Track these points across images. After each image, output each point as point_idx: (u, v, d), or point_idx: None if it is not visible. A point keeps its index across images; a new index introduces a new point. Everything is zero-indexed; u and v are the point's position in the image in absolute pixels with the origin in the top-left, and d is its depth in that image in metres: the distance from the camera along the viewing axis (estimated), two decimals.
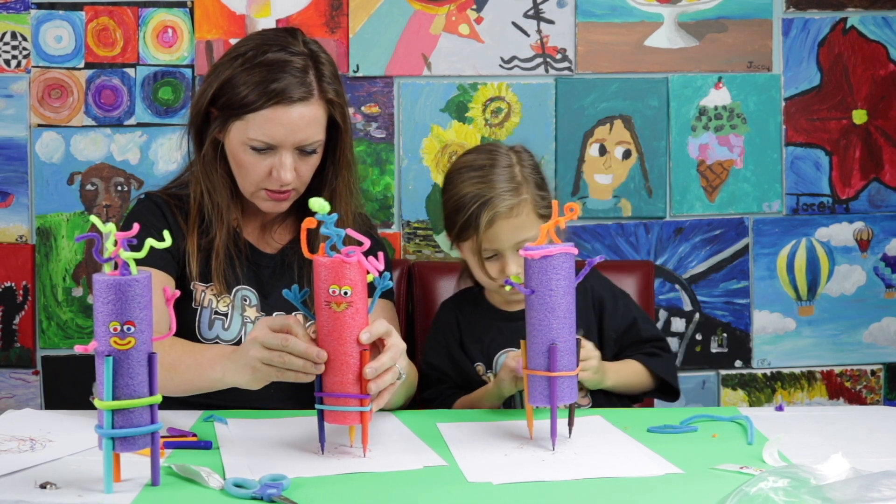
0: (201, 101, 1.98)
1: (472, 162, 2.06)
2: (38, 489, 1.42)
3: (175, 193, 2.07)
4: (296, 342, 1.57)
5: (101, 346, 1.41)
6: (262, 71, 1.92)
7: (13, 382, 2.59)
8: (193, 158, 2.04)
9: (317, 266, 1.57)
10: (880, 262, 2.74)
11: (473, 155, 2.10)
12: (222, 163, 2.01)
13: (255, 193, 1.99)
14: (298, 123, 1.92)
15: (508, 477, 1.50)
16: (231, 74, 1.94)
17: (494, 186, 2.00)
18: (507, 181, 2.01)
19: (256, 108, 1.91)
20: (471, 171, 2.04)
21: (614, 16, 2.65)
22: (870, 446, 1.68)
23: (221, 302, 1.99)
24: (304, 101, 1.92)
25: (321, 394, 1.59)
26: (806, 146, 2.71)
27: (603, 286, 2.16)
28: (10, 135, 2.57)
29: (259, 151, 1.94)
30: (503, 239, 1.99)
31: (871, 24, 2.70)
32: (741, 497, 1.28)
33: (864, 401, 2.74)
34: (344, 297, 1.55)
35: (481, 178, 2.02)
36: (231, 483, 1.43)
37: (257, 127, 1.92)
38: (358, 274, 1.56)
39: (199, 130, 2.01)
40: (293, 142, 1.93)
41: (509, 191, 2.00)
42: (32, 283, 2.58)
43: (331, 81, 1.97)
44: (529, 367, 1.67)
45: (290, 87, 1.91)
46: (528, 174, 2.04)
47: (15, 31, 2.56)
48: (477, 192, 2.00)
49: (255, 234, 2.08)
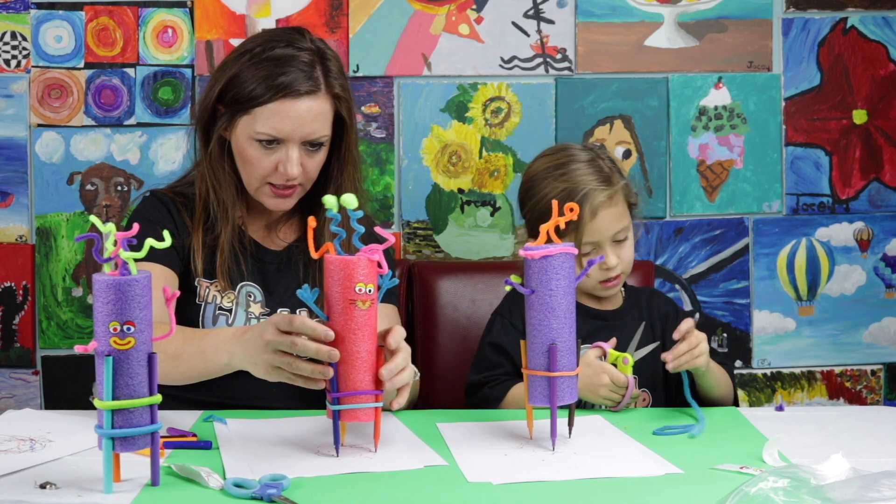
0: (208, 98, 1.99)
1: (552, 163, 2.06)
2: (38, 489, 1.42)
3: (181, 191, 2.07)
4: (305, 344, 1.57)
5: (100, 346, 1.40)
6: (270, 65, 1.93)
7: (13, 382, 2.59)
8: (199, 156, 2.05)
9: (343, 264, 1.56)
10: (880, 262, 2.74)
11: (548, 158, 2.09)
12: (228, 160, 2.01)
13: (260, 189, 1.99)
14: (305, 117, 1.93)
15: (508, 477, 1.50)
16: (238, 70, 1.95)
17: (588, 180, 2.01)
18: (597, 173, 2.03)
19: (263, 101, 1.92)
20: (556, 170, 2.04)
21: (614, 16, 2.65)
22: (870, 446, 1.68)
23: (226, 298, 1.99)
24: (310, 95, 1.93)
25: (339, 394, 1.58)
26: (806, 146, 2.71)
27: (667, 303, 2.19)
28: (10, 135, 2.57)
29: (266, 146, 1.94)
30: (605, 229, 2.00)
31: (871, 24, 2.70)
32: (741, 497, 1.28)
33: (864, 401, 2.74)
34: (368, 294, 1.57)
35: (570, 173, 2.02)
36: (231, 483, 1.43)
37: (264, 120, 1.92)
38: (375, 271, 1.58)
39: (205, 127, 2.01)
40: (300, 135, 1.94)
41: (603, 181, 2.02)
42: (32, 283, 2.58)
43: (337, 77, 1.98)
44: (529, 367, 1.67)
45: (297, 80, 1.92)
46: (611, 165, 2.06)
47: (15, 31, 2.56)
48: (573, 187, 2.00)
49: (260, 232, 2.08)
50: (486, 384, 2.01)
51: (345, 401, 1.58)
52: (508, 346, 2.04)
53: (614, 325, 2.06)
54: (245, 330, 1.72)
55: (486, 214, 2.65)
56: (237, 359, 1.70)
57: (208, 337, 1.79)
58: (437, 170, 2.63)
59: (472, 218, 2.65)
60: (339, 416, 1.58)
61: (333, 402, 1.58)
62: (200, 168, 2.04)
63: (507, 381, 1.99)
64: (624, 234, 2.04)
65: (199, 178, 2.03)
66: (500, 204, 2.65)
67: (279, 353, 1.59)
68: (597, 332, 1.95)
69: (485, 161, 2.64)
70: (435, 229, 2.64)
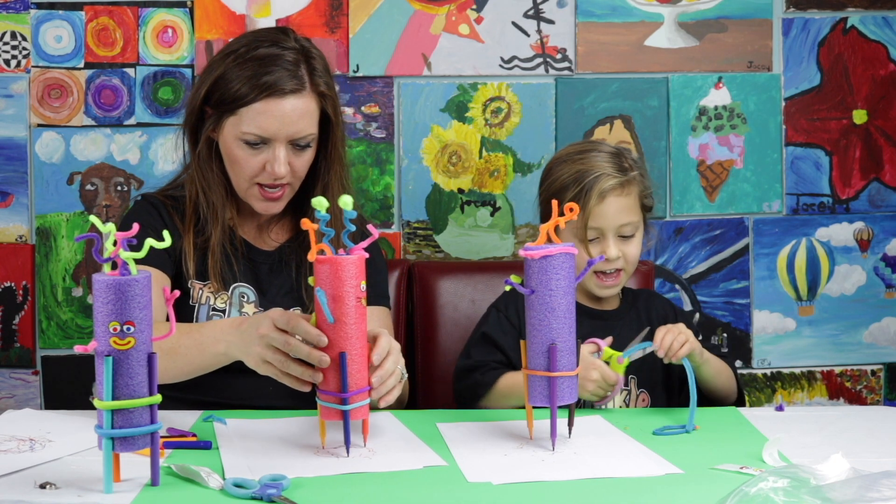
0: (195, 100, 2.00)
1: (576, 149, 2.09)
2: (38, 489, 1.42)
3: (171, 194, 2.08)
4: (298, 345, 1.58)
5: (100, 346, 1.41)
6: (254, 65, 1.93)
7: (13, 382, 2.59)
8: (189, 158, 2.05)
9: (346, 264, 1.57)
10: (880, 262, 2.74)
11: (575, 145, 2.13)
12: (217, 162, 2.02)
13: (249, 191, 2.00)
14: (291, 116, 1.93)
15: (508, 477, 1.50)
16: (223, 71, 1.96)
17: (602, 166, 2.02)
18: (615, 160, 2.04)
19: (249, 101, 1.92)
20: (576, 155, 2.07)
21: (614, 16, 2.65)
22: (870, 446, 1.68)
23: (219, 299, 2.00)
24: (295, 94, 1.94)
25: (347, 394, 1.58)
26: (806, 146, 2.71)
27: (665, 305, 2.18)
28: (10, 135, 2.57)
29: (253, 146, 1.95)
30: (610, 217, 2.00)
31: (872, 24, 2.70)
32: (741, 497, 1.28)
33: (865, 401, 2.74)
34: (363, 292, 1.59)
35: (588, 158, 2.04)
36: (231, 483, 1.43)
37: (250, 120, 1.93)
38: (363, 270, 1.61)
39: (193, 129, 2.02)
40: (286, 134, 1.94)
41: (619, 170, 2.03)
42: (32, 283, 2.58)
43: (322, 75, 1.98)
44: (529, 367, 1.67)
45: (281, 79, 1.93)
46: (632, 163, 2.07)
47: (15, 31, 2.56)
48: (587, 169, 2.02)
49: (252, 233, 2.09)
50: (476, 369, 2.01)
51: (356, 399, 1.59)
52: (500, 339, 2.05)
53: (612, 326, 2.06)
54: (242, 320, 1.72)
55: (486, 214, 2.65)
56: (233, 348, 1.71)
57: (205, 329, 1.80)
58: (437, 170, 2.63)
59: (472, 218, 2.65)
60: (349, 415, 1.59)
61: (343, 401, 1.58)
62: (190, 170, 2.04)
63: (497, 368, 2.00)
64: (631, 230, 2.03)
65: (189, 180, 2.04)
66: (500, 204, 2.65)
67: (272, 349, 1.60)
68: (594, 332, 1.95)
69: (485, 161, 2.64)
70: (435, 229, 2.64)
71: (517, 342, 1.84)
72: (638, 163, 2.10)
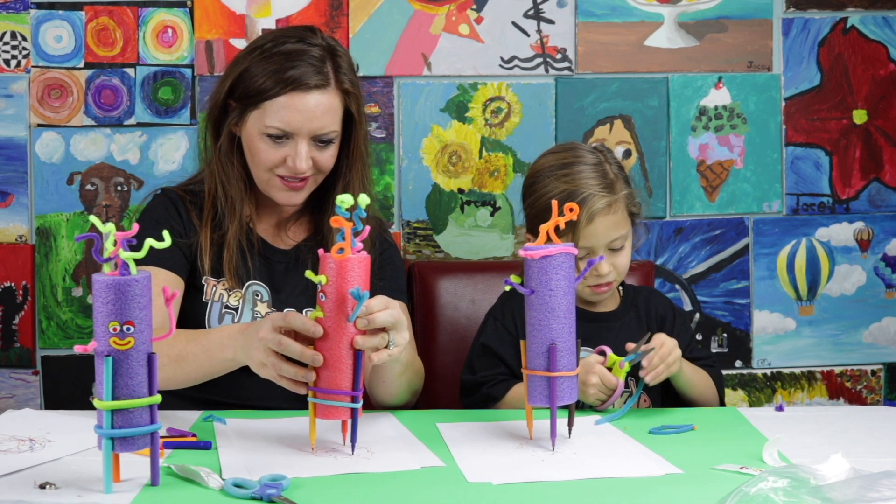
0: (219, 93, 2.00)
1: (558, 161, 2.04)
2: (38, 489, 1.42)
3: (191, 189, 2.08)
4: (289, 344, 1.57)
5: (100, 346, 1.40)
6: (280, 59, 1.94)
7: (13, 382, 2.59)
8: (210, 153, 2.05)
9: (361, 262, 1.57)
10: (880, 262, 2.74)
11: (555, 155, 2.07)
12: (238, 156, 2.01)
13: (270, 182, 1.99)
14: (315, 111, 1.93)
15: (508, 477, 1.50)
16: (248, 65, 1.96)
17: (590, 184, 1.99)
18: (601, 178, 2.00)
19: (273, 94, 1.92)
20: (559, 170, 2.02)
21: (614, 16, 2.65)
22: (870, 446, 1.68)
23: (233, 296, 1.99)
24: (320, 89, 1.93)
25: (358, 392, 1.58)
26: (806, 146, 2.71)
27: (664, 305, 2.17)
28: (9, 135, 2.57)
29: (275, 140, 1.94)
30: (600, 236, 1.98)
31: (872, 23, 2.70)
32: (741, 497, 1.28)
33: (865, 401, 2.74)
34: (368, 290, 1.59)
35: (574, 176, 2.00)
36: (230, 483, 1.43)
37: (273, 114, 1.92)
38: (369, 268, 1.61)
39: (216, 123, 2.02)
40: (309, 129, 1.93)
41: (605, 188, 1.99)
42: (32, 283, 2.58)
43: (347, 73, 1.98)
44: (529, 367, 1.67)
45: (306, 74, 1.92)
46: (617, 172, 2.04)
47: (15, 31, 2.56)
48: (574, 190, 1.98)
49: (269, 231, 2.08)
50: (484, 384, 2.01)
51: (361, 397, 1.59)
52: (499, 350, 2.04)
53: (610, 327, 2.06)
54: (248, 325, 1.73)
55: (486, 214, 2.65)
56: (239, 353, 1.71)
57: (212, 335, 1.80)
58: (437, 170, 2.63)
59: (472, 218, 2.65)
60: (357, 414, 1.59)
61: (355, 399, 1.58)
62: (210, 164, 2.04)
63: (504, 380, 2.00)
64: (620, 242, 2.02)
65: (209, 174, 2.04)
66: (500, 204, 2.65)
67: (269, 352, 1.60)
68: (593, 334, 1.95)
69: (485, 161, 2.64)
70: (435, 229, 2.64)
71: (516, 349, 1.84)
72: (622, 168, 2.07)
